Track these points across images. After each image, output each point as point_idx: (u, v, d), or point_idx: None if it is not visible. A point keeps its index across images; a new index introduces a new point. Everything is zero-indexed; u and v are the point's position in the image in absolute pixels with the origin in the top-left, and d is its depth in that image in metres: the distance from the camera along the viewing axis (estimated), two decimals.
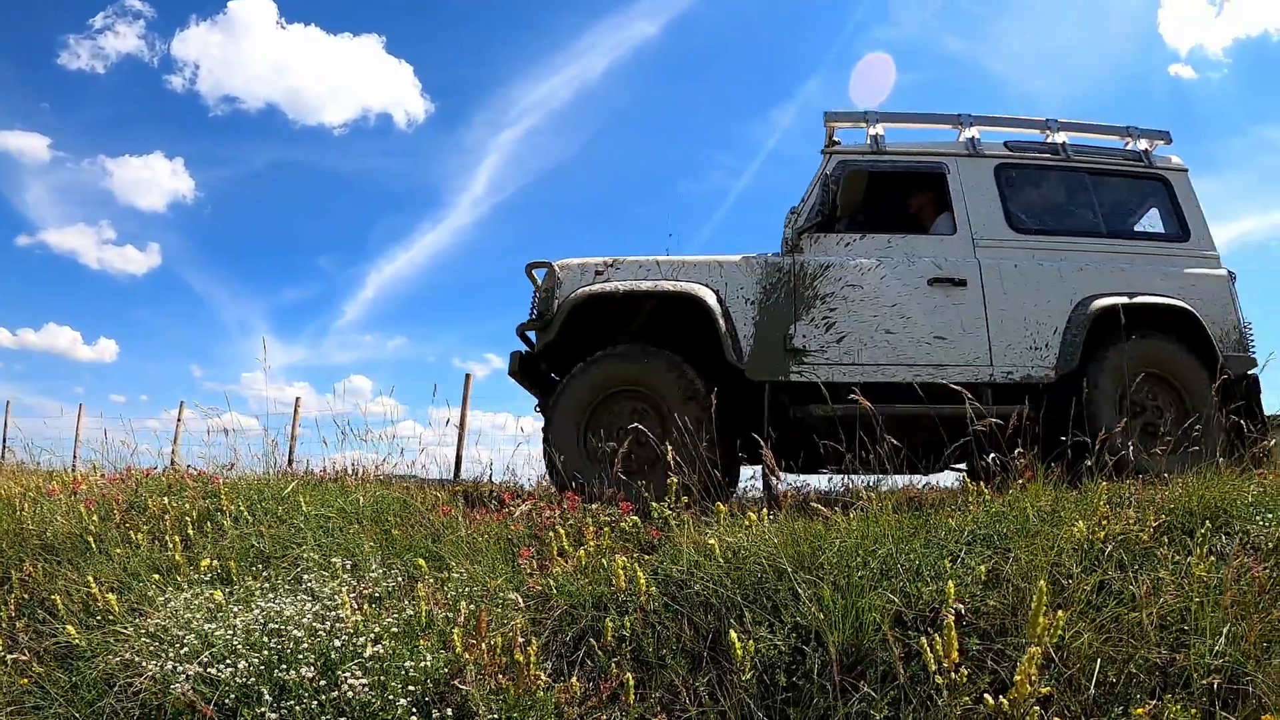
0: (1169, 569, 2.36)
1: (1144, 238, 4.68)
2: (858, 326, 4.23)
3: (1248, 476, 2.87)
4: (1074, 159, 4.69)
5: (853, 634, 2.20)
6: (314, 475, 3.84)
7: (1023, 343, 4.21)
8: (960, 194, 4.52)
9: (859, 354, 4.20)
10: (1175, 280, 4.39)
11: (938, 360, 4.19)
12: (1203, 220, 4.61)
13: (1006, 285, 4.30)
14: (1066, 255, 4.42)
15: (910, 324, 4.23)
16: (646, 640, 2.35)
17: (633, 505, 2.92)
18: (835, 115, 4.71)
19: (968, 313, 4.25)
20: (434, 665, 2.27)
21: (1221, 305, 4.37)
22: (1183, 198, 4.66)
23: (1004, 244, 4.43)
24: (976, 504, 2.68)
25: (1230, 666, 2.13)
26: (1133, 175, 4.75)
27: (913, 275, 4.30)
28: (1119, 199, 4.79)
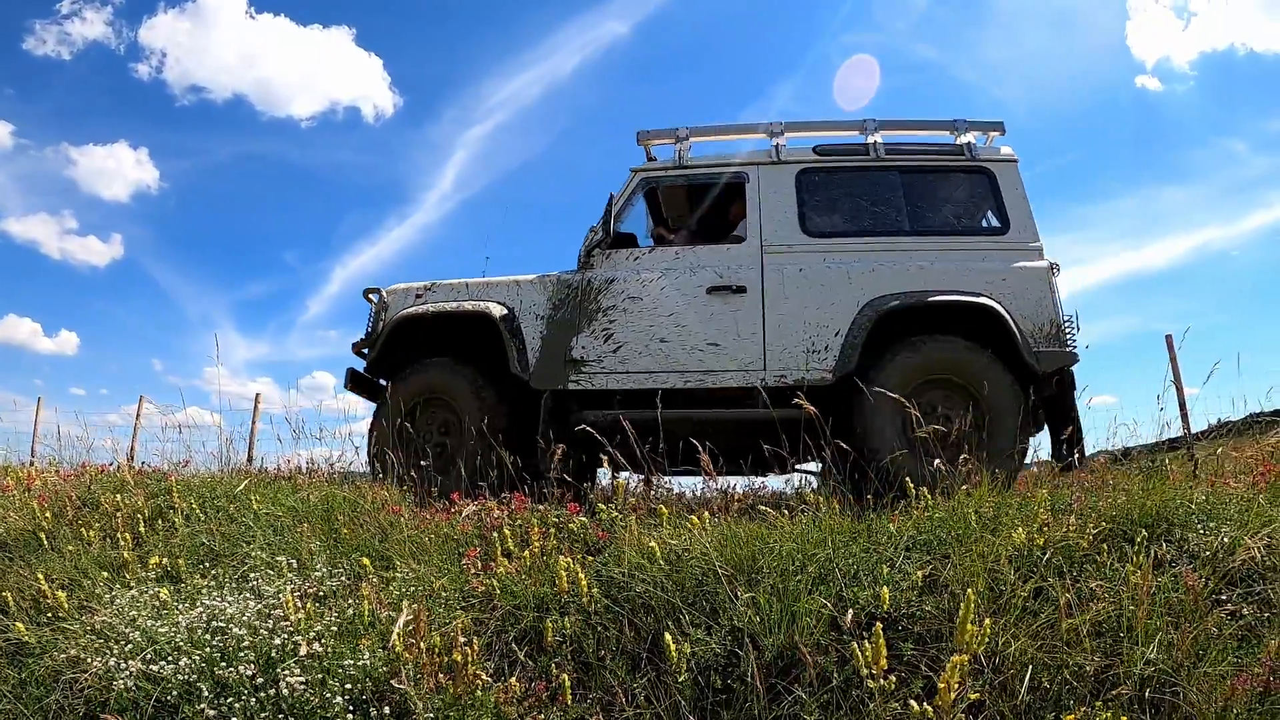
0: (1106, 576, 2.41)
1: (957, 233, 4.61)
2: (634, 336, 4.45)
3: (1191, 483, 2.92)
4: (884, 158, 4.69)
5: (788, 637, 2.25)
6: (267, 473, 3.87)
7: (799, 346, 4.30)
8: (756, 202, 4.64)
9: (632, 362, 4.41)
10: (984, 276, 4.32)
11: (709, 366, 4.34)
12: (1026, 212, 4.52)
13: (788, 290, 4.40)
14: (860, 256, 4.44)
15: (685, 332, 4.40)
16: (587, 641, 2.40)
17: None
18: (648, 134, 4.93)
19: (744, 318, 4.38)
20: (373, 664, 2.31)
21: (1037, 299, 4.27)
22: (1006, 189, 4.59)
23: (794, 249, 4.51)
24: (919, 509, 2.73)
25: (1160, 675, 2.18)
26: (953, 170, 4.72)
27: (692, 285, 4.47)
28: (935, 195, 4.78)
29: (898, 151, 4.74)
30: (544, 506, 2.93)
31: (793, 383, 4.19)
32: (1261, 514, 2.60)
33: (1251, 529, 2.52)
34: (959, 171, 4.70)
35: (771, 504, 2.92)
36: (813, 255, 4.47)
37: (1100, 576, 2.42)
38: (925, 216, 4.66)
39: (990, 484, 2.85)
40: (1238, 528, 2.52)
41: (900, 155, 4.73)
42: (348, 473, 3.96)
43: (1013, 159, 4.68)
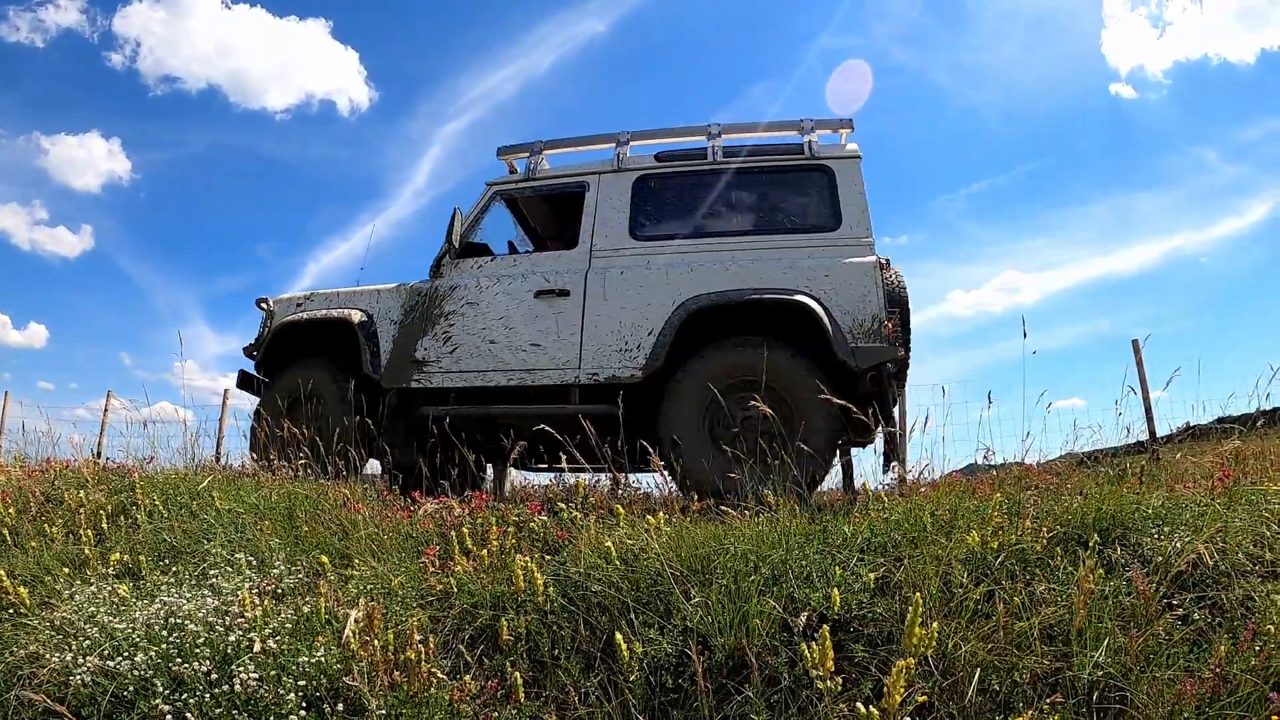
0: (1059, 580, 2.46)
1: (787, 231, 4.74)
2: (467, 339, 4.82)
3: (1149, 488, 2.97)
4: (721, 161, 4.89)
5: (738, 639, 2.29)
6: (232, 470, 3.91)
7: (613, 345, 4.54)
8: (593, 209, 4.94)
9: (466, 362, 4.79)
10: (807, 273, 4.44)
11: (530, 365, 4.66)
12: (860, 207, 4.64)
13: (608, 292, 4.66)
14: (681, 257, 4.65)
15: (512, 333, 4.75)
16: (542, 640, 2.44)
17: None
18: (507, 149, 5.30)
19: (565, 320, 4.68)
20: (327, 661, 2.35)
21: (860, 295, 4.35)
22: (843, 186, 4.71)
23: (620, 253, 4.78)
24: (875, 510, 2.77)
25: (1108, 679, 2.23)
26: (792, 169, 4.86)
27: (522, 290, 4.81)
28: (771, 195, 4.94)
29: (736, 154, 4.94)
30: (505, 505, 2.98)
31: (604, 380, 4.44)
32: (1216, 518, 2.65)
33: (1205, 534, 2.56)
34: (799, 170, 4.85)
35: (732, 505, 2.96)
36: (636, 258, 4.75)
37: (1053, 580, 2.47)
38: (757, 216, 4.89)
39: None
40: (1191, 532, 2.57)
41: (738, 158, 4.93)
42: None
43: (855, 155, 4.80)
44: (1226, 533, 2.62)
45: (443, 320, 4.90)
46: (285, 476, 3.59)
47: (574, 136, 5.31)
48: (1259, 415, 3.36)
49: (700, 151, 4.97)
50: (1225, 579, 2.55)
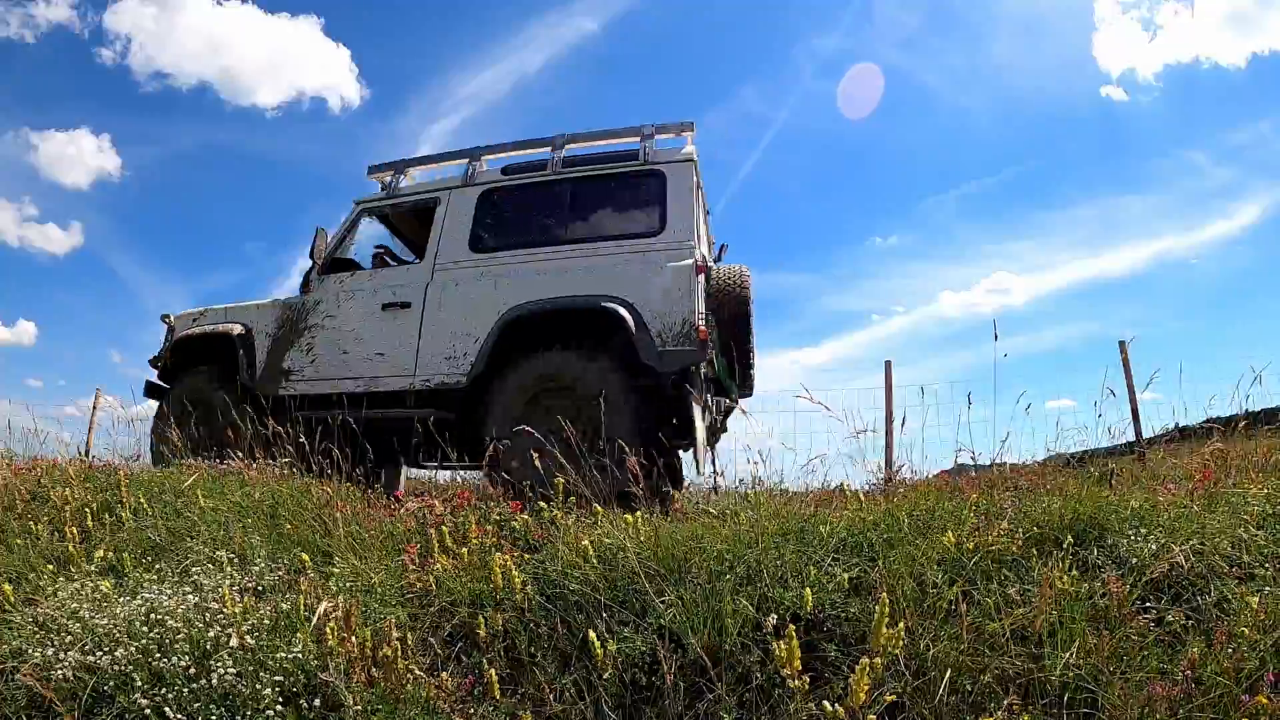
0: (1034, 581, 2.49)
1: (614, 238, 4.91)
2: (325, 350, 5.24)
3: (1128, 489, 3.00)
4: (561, 172, 5.11)
5: (713, 637, 2.33)
6: (216, 468, 3.97)
7: (444, 353, 4.85)
8: (441, 223, 5.24)
9: (323, 371, 5.21)
10: (625, 278, 4.61)
11: (375, 373, 5.03)
12: (686, 210, 4.78)
13: (444, 303, 4.97)
14: (511, 268, 4.91)
15: (361, 344, 5.13)
16: (519, 638, 2.48)
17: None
18: (375, 168, 5.69)
19: (406, 331, 5.01)
20: (304, 657, 2.40)
21: (676, 298, 4.48)
22: (673, 190, 4.84)
23: (459, 265, 5.07)
24: (853, 510, 2.81)
25: (1079, 680, 2.26)
26: (628, 175, 5.02)
27: (372, 303, 5.18)
28: (607, 202, 5.12)
29: (576, 163, 5.15)
30: (487, 504, 3.02)
31: (435, 386, 4.79)
32: (1194, 522, 2.68)
33: (1181, 537, 2.59)
34: (633, 176, 5.01)
35: (714, 505, 3.01)
36: (472, 270, 5.02)
37: (1027, 581, 2.50)
38: (589, 224, 5.08)
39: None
40: (1167, 535, 2.60)
41: (576, 167, 5.14)
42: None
43: (688, 159, 4.94)
44: (1204, 535, 2.65)
45: (307, 333, 5.34)
46: (269, 475, 3.64)
47: (436, 154, 5.71)
48: (1242, 417, 3.40)
49: (541, 163, 5.19)
50: (1201, 581, 2.58)
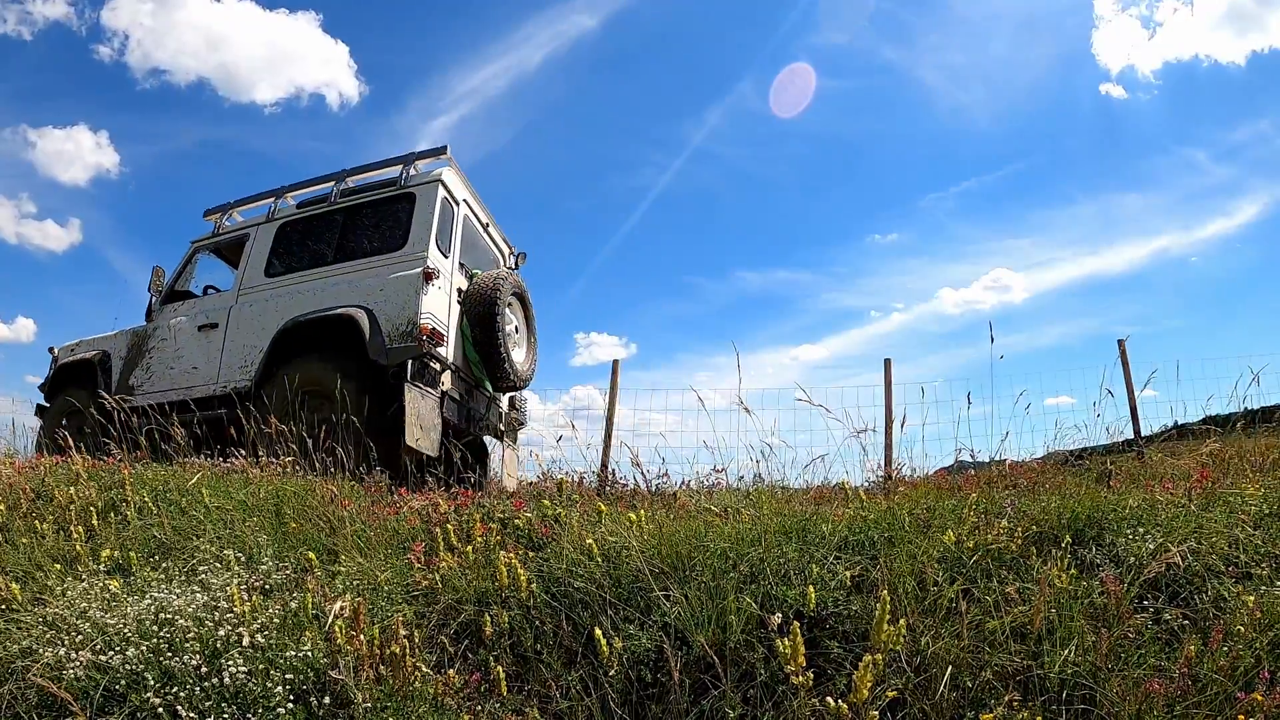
0: (1032, 579, 2.57)
1: (367, 254, 5.96)
2: (159, 367, 6.48)
3: (1130, 488, 3.08)
4: (337, 201, 6.25)
5: (717, 634, 2.41)
6: (220, 466, 4.03)
7: (238, 363, 5.97)
8: (247, 255, 6.47)
9: (157, 384, 6.41)
10: (367, 290, 5.61)
11: (191, 383, 6.18)
12: (426, 225, 5.77)
13: (240, 322, 6.12)
14: (290, 289, 6.01)
15: (183, 360, 6.35)
16: (525, 635, 2.56)
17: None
18: (209, 210, 6.97)
19: (213, 347, 6.20)
20: (314, 656, 2.47)
21: (402, 303, 5.44)
22: (419, 209, 5.87)
23: (256, 289, 6.26)
24: (854, 508, 2.88)
25: (1076, 678, 2.34)
26: (385, 200, 6.08)
27: (192, 326, 6.41)
28: (372, 224, 6.12)
29: (350, 193, 6.26)
30: (490, 502, 3.09)
31: (231, 390, 5.70)
32: (1191, 521, 2.76)
33: (1179, 536, 2.67)
34: (392, 200, 6.06)
35: (717, 502, 3.08)
36: (264, 293, 6.18)
37: (1027, 579, 2.58)
38: (353, 245, 6.10)
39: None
40: (1165, 534, 2.68)
41: (349, 196, 6.24)
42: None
43: (434, 180, 5.97)
44: (1201, 534, 2.73)
45: (146, 355, 6.61)
46: (273, 473, 3.71)
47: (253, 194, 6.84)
48: (1239, 416, 3.47)
49: (325, 196, 6.34)
50: (1198, 580, 2.66)
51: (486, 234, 7.02)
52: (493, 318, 5.99)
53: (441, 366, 5.62)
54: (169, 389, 6.24)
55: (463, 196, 6.43)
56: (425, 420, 5.24)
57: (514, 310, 6.63)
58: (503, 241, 7.40)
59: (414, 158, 6.11)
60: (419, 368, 5.32)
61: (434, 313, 5.53)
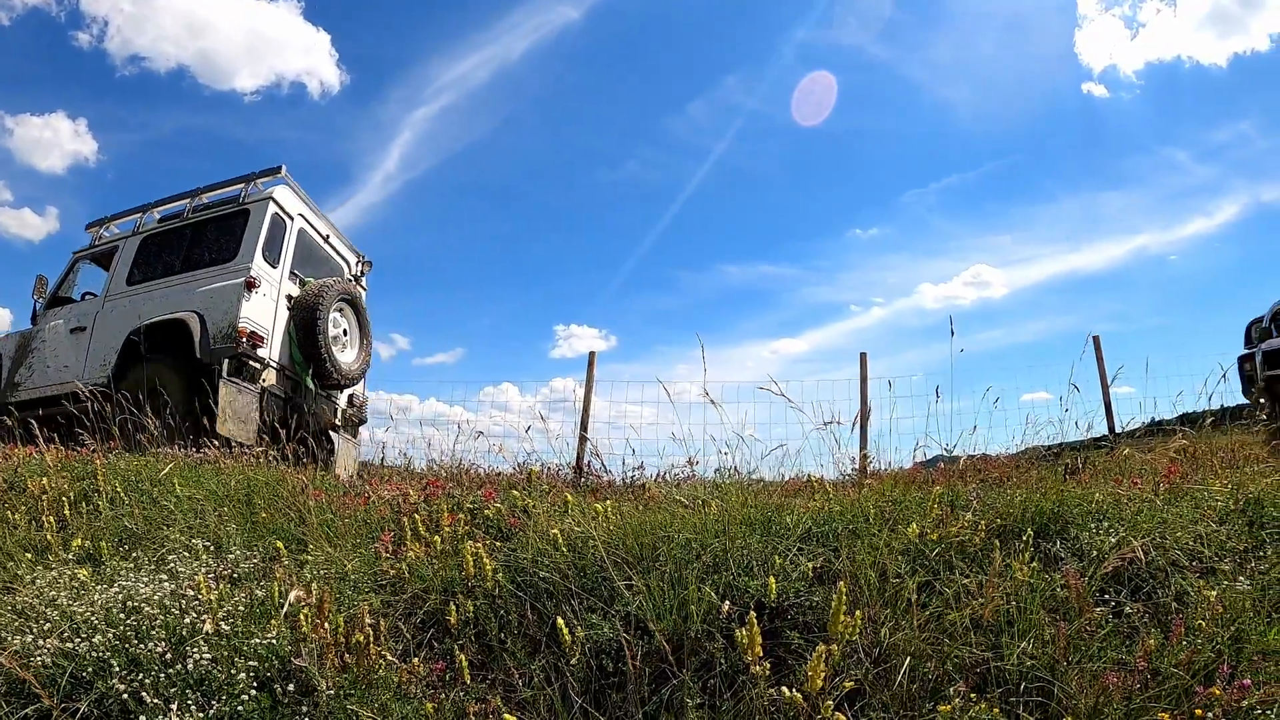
0: (995, 572, 2.61)
1: (206, 265, 6.85)
2: (40, 366, 7.40)
3: (1097, 483, 3.13)
4: (189, 217, 7.20)
5: (679, 624, 2.45)
6: (191, 456, 4.08)
7: (99, 362, 6.86)
8: (115, 265, 7.41)
9: (36, 381, 7.34)
10: (201, 296, 6.49)
11: (63, 379, 6.92)
12: (254, 239, 6.69)
13: (105, 325, 7.00)
14: (145, 295, 6.91)
15: (59, 359, 7.24)
16: (490, 624, 2.60)
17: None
18: (92, 223, 8.00)
19: (81, 348, 7.09)
20: (279, 643, 2.52)
21: (226, 309, 6.33)
22: (251, 223, 6.79)
23: (118, 296, 7.15)
24: (820, 500, 2.93)
25: (1034, 670, 2.38)
26: (226, 216, 7.01)
27: (65, 329, 7.33)
28: (214, 237, 7.00)
29: (201, 209, 7.20)
30: (460, 492, 3.14)
31: (93, 385, 6.21)
32: (1156, 516, 2.80)
33: (1142, 530, 2.72)
34: (231, 216, 6.98)
35: (687, 494, 3.12)
36: (125, 299, 7.04)
37: (989, 572, 2.63)
38: (198, 256, 6.97)
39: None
40: (1128, 528, 2.73)
41: (199, 212, 7.18)
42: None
43: (265, 198, 6.91)
44: (1166, 529, 2.78)
45: (30, 355, 7.53)
46: (245, 463, 3.76)
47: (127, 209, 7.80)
48: (1209, 414, 3.53)
49: (180, 212, 7.29)
50: (1161, 575, 2.71)
51: (328, 245, 7.96)
52: (314, 322, 6.87)
53: (261, 366, 6.56)
54: (45, 385, 7.20)
55: (297, 211, 7.38)
56: (240, 413, 6.06)
57: (344, 315, 7.65)
58: (347, 250, 8.41)
59: (254, 177, 7.08)
60: (237, 366, 6.30)
61: (254, 317, 6.48)
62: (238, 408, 5.99)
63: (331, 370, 7.07)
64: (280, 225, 7.02)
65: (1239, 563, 2.79)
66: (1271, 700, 2.28)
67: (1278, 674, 2.41)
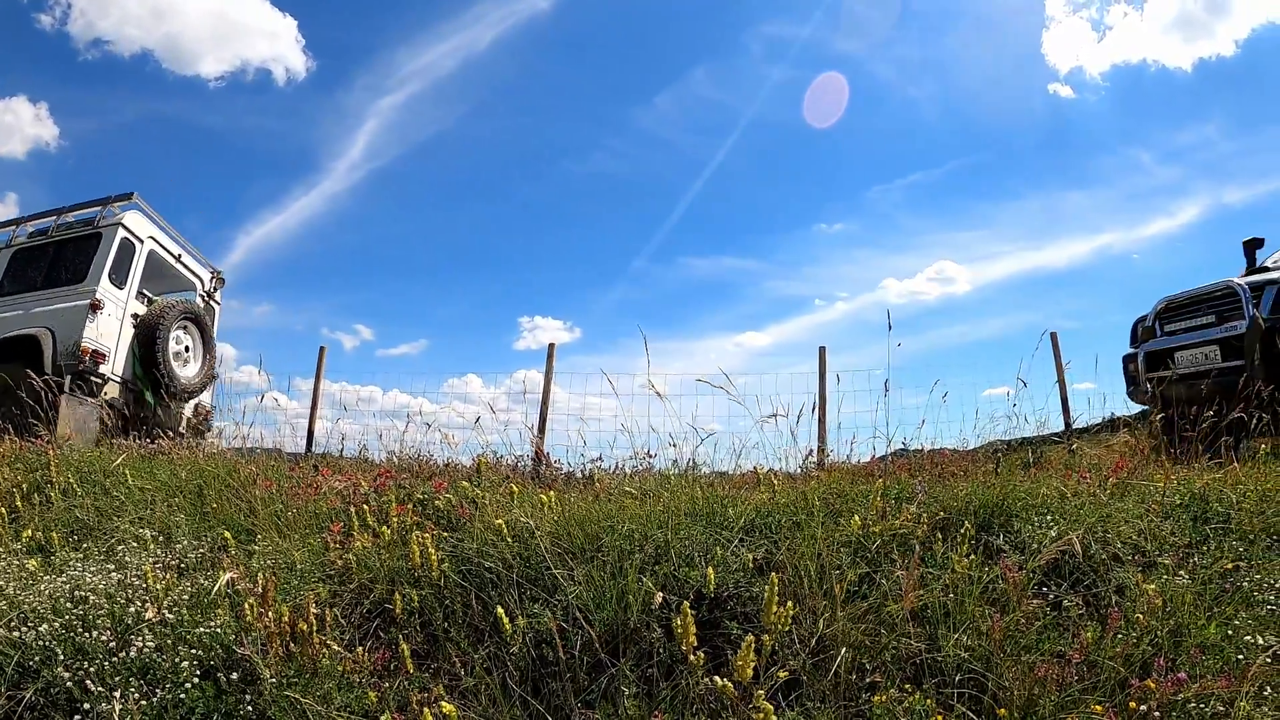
0: (939, 564, 2.68)
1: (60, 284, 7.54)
2: None
3: (1045, 478, 3.19)
4: (51, 236, 7.90)
5: (619, 614, 2.51)
6: (146, 449, 4.12)
7: None
8: None
9: None
10: (52, 315, 7.20)
11: None
12: (103, 262, 7.43)
13: None
14: (11, 307, 7.47)
15: None
16: (435, 614, 2.66)
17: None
18: None
19: None
20: (223, 632, 2.57)
21: (72, 327, 7.09)
22: (102, 246, 7.54)
23: None
24: (765, 493, 2.99)
25: (970, 662, 2.45)
26: (81, 238, 7.71)
27: None
28: (69, 258, 7.68)
29: (64, 227, 7.92)
30: (411, 483, 3.19)
31: None
32: (1099, 509, 2.87)
33: (1083, 524, 2.78)
34: (86, 238, 7.67)
35: (638, 486, 3.18)
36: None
37: (931, 565, 2.69)
38: (56, 274, 7.66)
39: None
40: (1071, 522, 2.79)
41: (61, 231, 7.86)
42: (252, 448, 4.25)
43: (114, 223, 7.69)
44: (1109, 523, 2.85)
45: None
46: (198, 454, 3.81)
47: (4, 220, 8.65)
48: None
49: (46, 229, 7.98)
50: (1102, 568, 2.78)
51: (179, 263, 8.78)
52: (154, 340, 7.62)
53: (103, 380, 7.30)
54: None
55: (147, 234, 8.12)
56: (78, 424, 6.66)
57: (188, 332, 8.42)
58: (200, 267, 9.23)
59: (111, 200, 7.88)
60: (78, 381, 6.93)
61: (98, 337, 7.26)
62: (77, 419, 6.69)
63: (171, 384, 7.93)
64: (129, 248, 7.87)
65: (1182, 557, 2.86)
66: (1208, 694, 2.33)
67: (1215, 668, 2.46)
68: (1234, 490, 3.07)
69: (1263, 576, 2.74)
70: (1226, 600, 2.68)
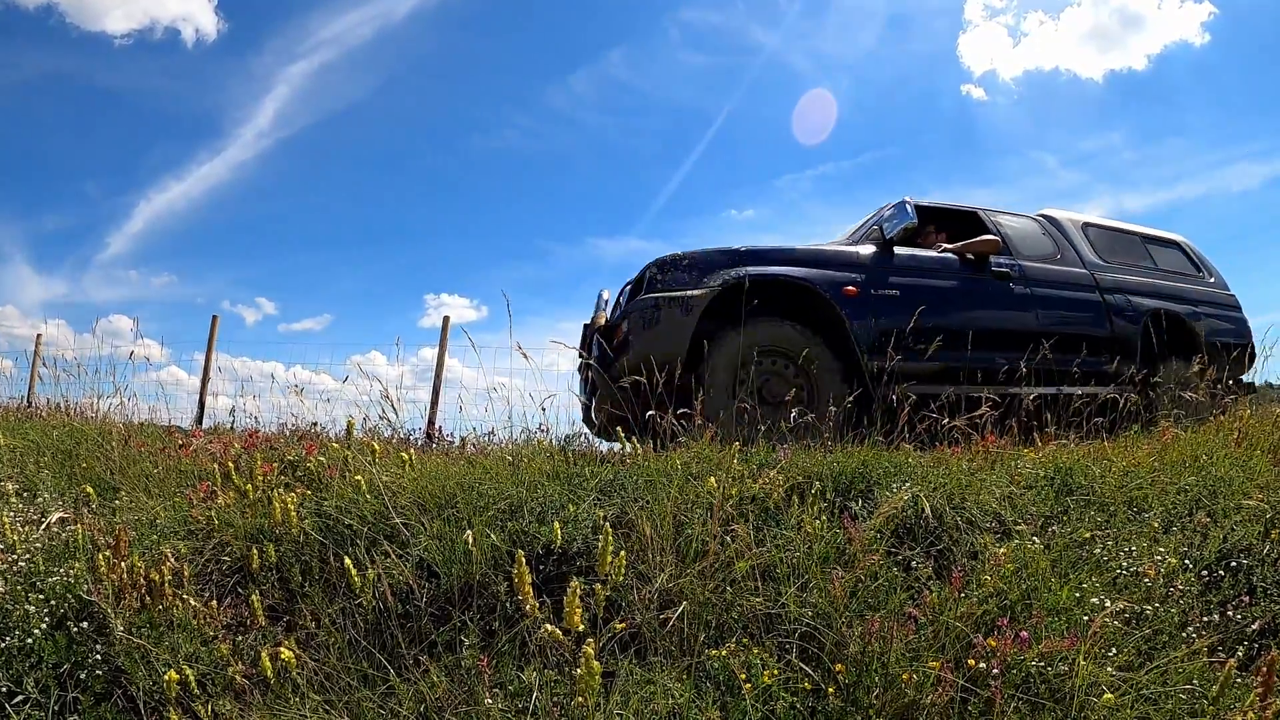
0: (792, 526, 2.87)
1: None
2: None
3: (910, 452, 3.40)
4: None
5: (467, 568, 2.68)
6: (26, 411, 4.25)
7: None
8: None
9: None
10: None
11: None
12: None
13: None
14: None
15: None
16: (292, 570, 2.82)
17: None
18: None
19: None
20: (76, 582, 2.71)
21: None
22: None
23: None
24: (631, 458, 3.17)
25: (810, 619, 2.63)
26: None
27: None
28: None
29: None
30: (282, 444, 3.34)
31: None
32: (957, 478, 3.07)
33: (941, 491, 2.98)
34: None
35: (511, 452, 3.35)
36: None
37: (787, 526, 2.88)
38: None
39: None
40: (929, 489, 2.99)
41: None
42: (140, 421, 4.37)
43: None
44: (967, 491, 3.05)
45: None
46: (75, 416, 3.94)
47: None
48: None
49: None
50: (957, 533, 2.97)
51: None
52: None
53: None
54: None
55: None
56: None
57: None
58: None
59: None
60: None
61: None
62: None
63: None
64: None
65: (1041, 526, 3.06)
66: (1053, 654, 2.52)
67: (1062, 629, 2.65)
68: (1098, 465, 3.28)
69: (1116, 545, 2.94)
70: (1080, 566, 2.88)
